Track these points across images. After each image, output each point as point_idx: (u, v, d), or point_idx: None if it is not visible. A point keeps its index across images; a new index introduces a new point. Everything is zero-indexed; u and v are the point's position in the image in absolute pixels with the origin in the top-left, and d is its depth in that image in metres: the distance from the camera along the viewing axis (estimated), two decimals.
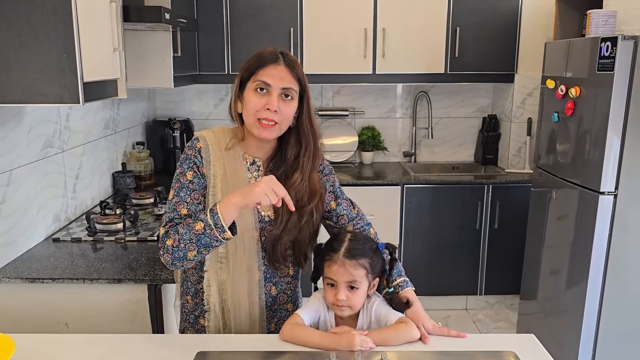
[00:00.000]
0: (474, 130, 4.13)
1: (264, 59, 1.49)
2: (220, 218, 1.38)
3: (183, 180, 1.50)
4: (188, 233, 1.40)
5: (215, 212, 1.38)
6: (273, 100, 1.45)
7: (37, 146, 2.28)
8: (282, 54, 1.51)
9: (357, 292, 1.49)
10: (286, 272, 1.63)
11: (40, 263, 2.06)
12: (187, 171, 1.50)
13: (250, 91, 1.47)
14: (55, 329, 1.94)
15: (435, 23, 3.61)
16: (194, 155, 1.51)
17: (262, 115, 1.45)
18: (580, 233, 2.64)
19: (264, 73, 1.47)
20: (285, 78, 1.48)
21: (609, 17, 2.63)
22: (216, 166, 1.51)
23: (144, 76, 2.87)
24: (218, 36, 3.58)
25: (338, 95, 4.07)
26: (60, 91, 1.72)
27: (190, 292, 1.61)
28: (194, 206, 1.49)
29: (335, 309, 1.51)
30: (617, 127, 2.42)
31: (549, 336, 2.87)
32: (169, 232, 1.45)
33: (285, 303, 1.64)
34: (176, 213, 1.48)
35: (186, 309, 1.62)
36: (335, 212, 1.67)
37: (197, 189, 1.50)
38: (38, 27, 1.67)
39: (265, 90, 1.46)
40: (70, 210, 2.58)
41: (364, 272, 1.49)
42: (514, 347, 1.45)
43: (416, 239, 3.63)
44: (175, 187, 1.50)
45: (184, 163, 1.51)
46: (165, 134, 3.71)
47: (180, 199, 1.49)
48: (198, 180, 1.50)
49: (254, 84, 1.47)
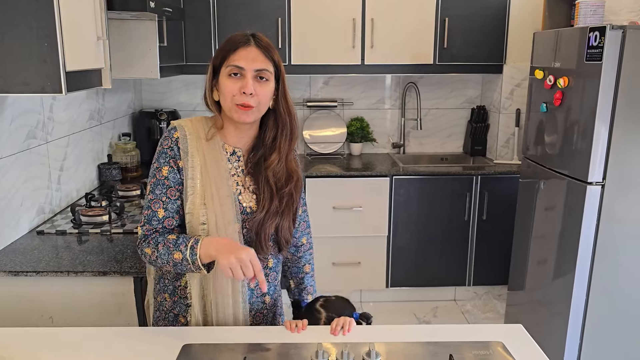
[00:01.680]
0: (463, 122, 4.13)
1: (234, 43, 1.46)
2: (198, 259, 1.38)
3: (159, 176, 1.48)
4: (166, 255, 1.42)
5: (195, 252, 1.38)
6: (248, 83, 1.43)
7: (20, 137, 2.24)
8: (253, 36, 1.47)
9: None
10: (265, 264, 1.59)
11: (24, 256, 2.03)
12: (162, 166, 1.48)
13: (224, 77, 1.45)
14: (39, 322, 1.91)
15: (423, 14, 3.59)
16: (170, 148, 1.48)
17: (239, 100, 1.44)
18: (568, 223, 2.65)
19: (235, 57, 1.44)
20: (258, 59, 1.45)
21: (597, 7, 2.63)
22: (195, 157, 1.48)
23: (130, 66, 2.83)
24: (205, 26, 3.54)
25: (326, 86, 4.05)
26: (42, 81, 1.69)
27: (167, 290, 1.57)
28: (171, 204, 1.48)
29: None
30: (605, 117, 2.43)
31: (537, 326, 2.89)
32: (149, 241, 1.45)
33: (263, 295, 1.62)
34: (153, 214, 1.47)
35: (164, 307, 1.58)
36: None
37: (172, 185, 1.48)
38: (19, 16, 1.64)
39: (239, 74, 1.44)
40: (55, 203, 2.54)
41: None
42: (502, 337, 1.45)
43: (405, 230, 3.63)
44: (152, 183, 1.49)
45: (160, 157, 1.49)
46: (152, 125, 3.67)
47: (156, 197, 1.47)
48: (174, 176, 1.48)
49: (227, 69, 1.44)
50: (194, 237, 1.42)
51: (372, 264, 3.67)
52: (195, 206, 1.47)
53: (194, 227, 1.48)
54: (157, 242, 1.44)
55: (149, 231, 1.47)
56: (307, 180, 3.49)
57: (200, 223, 1.47)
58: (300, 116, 4.06)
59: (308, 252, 1.77)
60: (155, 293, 1.62)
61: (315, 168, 3.64)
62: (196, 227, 1.47)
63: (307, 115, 4.05)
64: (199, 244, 1.39)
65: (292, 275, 1.79)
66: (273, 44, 1.53)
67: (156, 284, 1.61)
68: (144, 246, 1.47)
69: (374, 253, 3.65)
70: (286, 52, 3.57)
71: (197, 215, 1.47)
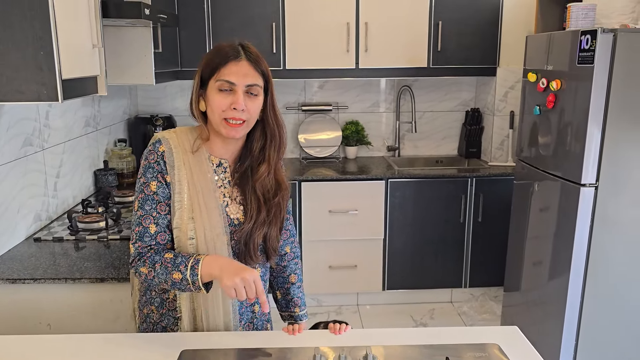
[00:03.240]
0: (457, 124, 4.16)
1: (224, 55, 1.42)
2: (199, 279, 1.37)
3: (147, 192, 1.44)
4: (164, 275, 1.39)
5: (197, 272, 1.36)
6: (239, 99, 1.40)
7: (16, 145, 2.24)
8: (243, 48, 1.44)
9: None
10: None
11: (21, 263, 2.04)
12: (150, 181, 1.44)
13: (214, 90, 1.42)
14: (37, 329, 1.91)
15: (417, 17, 3.61)
16: (157, 162, 1.44)
17: (228, 115, 1.41)
18: (562, 225, 2.67)
19: (226, 71, 1.41)
20: (249, 74, 1.42)
21: (589, 10, 2.65)
22: (181, 170, 1.45)
23: (125, 73, 2.83)
24: (199, 32, 3.55)
25: (321, 90, 4.07)
26: (38, 89, 1.69)
27: (154, 303, 1.54)
28: (162, 219, 1.45)
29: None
30: (597, 119, 2.45)
31: (533, 327, 2.91)
32: (145, 260, 1.42)
33: (252, 305, 1.61)
34: (145, 230, 1.44)
35: (151, 319, 1.56)
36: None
37: (161, 200, 1.45)
38: (14, 24, 1.64)
39: (230, 89, 1.41)
40: (52, 209, 2.55)
41: None
42: (498, 339, 1.46)
43: (401, 233, 3.64)
44: (140, 198, 1.45)
45: (147, 172, 1.45)
46: (148, 131, 3.68)
47: (146, 213, 1.44)
48: (162, 191, 1.45)
49: (217, 83, 1.41)
50: (194, 257, 1.39)
51: (368, 266, 3.68)
52: (183, 221, 1.45)
53: (182, 242, 1.45)
54: (154, 261, 1.41)
55: (142, 248, 1.44)
56: (302, 184, 3.51)
57: (189, 238, 1.45)
58: (296, 120, 4.08)
59: (293, 261, 1.74)
60: (141, 305, 1.59)
61: (311, 172, 3.65)
62: (184, 242, 1.45)
63: (302, 119, 4.06)
64: (200, 264, 1.37)
65: (278, 286, 1.75)
66: (268, 49, 1.53)
67: (142, 295, 1.58)
68: (139, 265, 1.43)
69: (370, 256, 3.66)
70: (281, 56, 3.58)
71: (184, 230, 1.45)
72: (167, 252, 1.43)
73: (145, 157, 1.47)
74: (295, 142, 4.09)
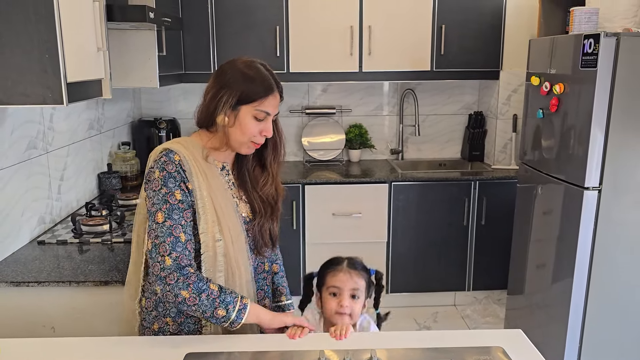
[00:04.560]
0: (460, 127, 4.15)
1: (267, 88, 1.51)
2: (240, 322, 1.46)
3: (172, 201, 1.45)
4: (209, 307, 1.43)
5: (242, 316, 1.45)
6: (270, 127, 1.54)
7: (21, 147, 2.25)
8: (274, 79, 1.54)
9: (358, 301, 1.62)
10: (262, 267, 1.67)
11: (25, 266, 2.04)
12: (174, 190, 1.46)
13: (249, 116, 1.51)
14: (41, 333, 1.91)
15: (420, 21, 3.62)
16: (177, 171, 1.47)
17: (257, 140, 1.54)
18: (565, 228, 2.67)
19: (267, 103, 1.51)
20: (279, 104, 1.56)
21: (592, 14, 2.65)
22: (199, 177, 1.50)
23: (129, 76, 2.84)
24: (203, 35, 3.56)
25: (325, 93, 4.07)
26: (43, 92, 1.70)
27: (170, 314, 1.54)
28: (188, 227, 1.47)
29: (337, 318, 1.60)
30: (600, 123, 2.45)
31: (536, 330, 2.90)
32: (190, 284, 1.41)
33: (263, 299, 1.68)
34: (177, 240, 1.44)
35: (167, 331, 1.55)
36: None
37: (187, 207, 1.48)
38: (19, 28, 1.65)
39: (264, 118, 1.52)
40: (55, 212, 2.55)
41: (364, 284, 1.64)
42: (502, 343, 1.46)
43: (404, 236, 3.64)
44: (164, 209, 1.44)
45: (168, 181, 1.46)
46: (151, 134, 3.68)
47: (175, 222, 1.44)
48: (186, 199, 1.47)
49: (255, 111, 1.50)
50: (240, 299, 1.46)
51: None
52: (209, 224, 1.49)
53: (209, 245, 1.50)
54: (200, 289, 1.42)
55: (182, 260, 1.43)
56: (306, 187, 3.51)
57: (216, 240, 1.50)
58: (299, 123, 4.08)
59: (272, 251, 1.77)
60: (149, 322, 1.57)
61: (315, 175, 3.65)
62: (212, 244, 1.50)
63: (305, 123, 4.06)
64: (247, 311, 1.46)
65: None
66: (271, 52, 1.62)
67: (151, 311, 1.57)
68: (180, 286, 1.41)
69: (374, 259, 3.66)
70: (284, 59, 3.59)
71: (211, 233, 1.50)
72: (209, 281, 1.46)
73: (161, 168, 1.47)
74: (298, 145, 4.10)
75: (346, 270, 1.64)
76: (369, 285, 1.69)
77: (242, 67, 1.51)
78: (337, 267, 1.65)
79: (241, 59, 1.55)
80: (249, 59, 1.54)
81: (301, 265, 3.60)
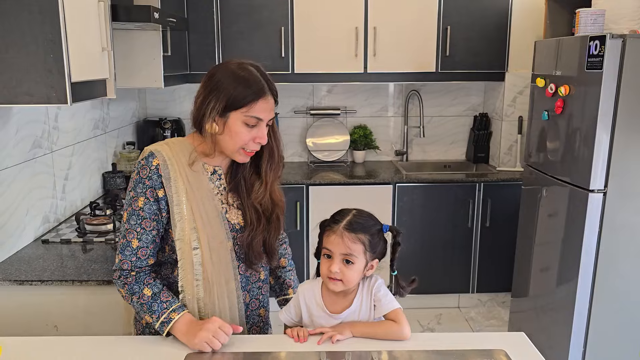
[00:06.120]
0: (465, 129, 4.14)
1: (258, 92, 1.42)
2: (163, 334, 1.44)
3: (134, 206, 1.44)
4: (139, 310, 1.46)
5: (164, 329, 1.43)
6: (264, 133, 1.46)
7: (25, 147, 2.26)
8: (267, 82, 1.45)
9: (352, 267, 1.47)
10: (257, 277, 1.61)
11: (29, 265, 2.05)
12: (139, 196, 1.43)
13: (239, 122, 1.42)
14: (44, 331, 1.92)
15: (426, 22, 3.61)
16: (148, 177, 1.43)
17: (249, 147, 1.46)
18: (570, 231, 2.65)
19: (257, 108, 1.42)
20: (273, 109, 1.46)
21: (598, 16, 2.64)
22: (178, 182, 1.44)
23: (134, 76, 2.85)
24: (208, 35, 3.56)
25: (330, 94, 4.07)
26: (47, 91, 1.71)
27: None
28: (145, 234, 1.44)
29: (328, 282, 1.48)
30: (606, 125, 2.44)
31: (541, 333, 2.89)
32: (125, 284, 1.46)
33: (258, 309, 1.62)
34: (127, 244, 1.45)
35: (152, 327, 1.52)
36: None
37: (147, 217, 1.43)
38: (24, 27, 1.66)
39: (256, 124, 1.44)
40: (60, 211, 2.56)
41: (362, 247, 1.47)
42: (505, 346, 1.46)
43: (408, 237, 3.61)
44: (127, 212, 1.45)
45: (136, 186, 1.44)
46: (156, 134, 3.69)
47: (131, 227, 1.44)
48: (149, 207, 1.43)
49: (245, 117, 1.42)
50: (169, 312, 1.43)
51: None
52: (185, 232, 1.44)
53: (185, 253, 1.45)
54: (133, 291, 1.46)
55: (123, 264, 1.46)
56: (310, 188, 3.50)
57: (193, 248, 1.45)
58: (304, 124, 4.08)
59: (282, 247, 1.75)
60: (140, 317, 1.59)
61: (319, 176, 3.65)
62: (188, 252, 1.45)
63: (310, 123, 4.06)
64: (171, 325, 1.42)
65: (270, 271, 1.74)
66: (276, 53, 1.56)
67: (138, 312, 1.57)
68: (118, 284, 1.48)
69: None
70: (289, 60, 3.59)
71: (188, 240, 1.45)
72: (147, 285, 1.45)
73: (137, 170, 1.45)
74: (303, 146, 4.10)
75: (340, 233, 1.45)
76: (376, 244, 1.52)
77: (232, 70, 1.43)
78: (332, 227, 1.48)
79: (233, 61, 1.47)
80: (241, 61, 1.46)
81: (305, 266, 3.59)
